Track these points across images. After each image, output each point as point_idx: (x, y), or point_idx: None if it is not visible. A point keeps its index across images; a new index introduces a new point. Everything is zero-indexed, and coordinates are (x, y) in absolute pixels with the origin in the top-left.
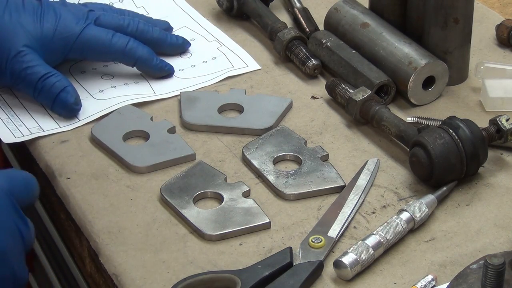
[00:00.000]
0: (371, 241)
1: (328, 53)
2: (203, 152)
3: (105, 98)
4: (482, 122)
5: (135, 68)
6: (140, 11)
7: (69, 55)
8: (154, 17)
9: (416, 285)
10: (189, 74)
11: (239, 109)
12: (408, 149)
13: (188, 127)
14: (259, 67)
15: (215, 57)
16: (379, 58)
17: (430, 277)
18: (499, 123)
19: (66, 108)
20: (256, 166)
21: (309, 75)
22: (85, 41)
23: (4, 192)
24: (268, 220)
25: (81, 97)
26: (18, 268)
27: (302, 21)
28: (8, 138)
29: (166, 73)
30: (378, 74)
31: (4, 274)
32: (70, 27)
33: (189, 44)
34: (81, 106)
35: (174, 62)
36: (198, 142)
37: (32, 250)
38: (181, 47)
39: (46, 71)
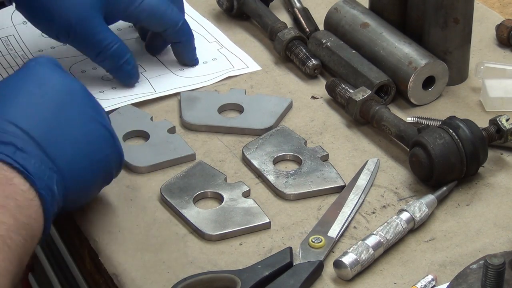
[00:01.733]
0: (371, 241)
1: (328, 53)
2: (203, 152)
3: (105, 98)
4: (482, 122)
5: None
6: None
7: (125, 18)
8: None
9: (416, 285)
10: (189, 73)
11: (239, 109)
12: (408, 149)
13: (188, 127)
14: (259, 68)
15: (216, 58)
16: (379, 58)
17: (430, 277)
18: (499, 123)
19: (127, 80)
20: (256, 166)
21: (309, 75)
22: (146, 8)
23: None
24: (268, 220)
25: None
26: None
27: (302, 21)
28: None
29: (194, 64)
30: (378, 74)
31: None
32: None
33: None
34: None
35: (175, 61)
36: (198, 142)
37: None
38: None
39: (110, 39)
